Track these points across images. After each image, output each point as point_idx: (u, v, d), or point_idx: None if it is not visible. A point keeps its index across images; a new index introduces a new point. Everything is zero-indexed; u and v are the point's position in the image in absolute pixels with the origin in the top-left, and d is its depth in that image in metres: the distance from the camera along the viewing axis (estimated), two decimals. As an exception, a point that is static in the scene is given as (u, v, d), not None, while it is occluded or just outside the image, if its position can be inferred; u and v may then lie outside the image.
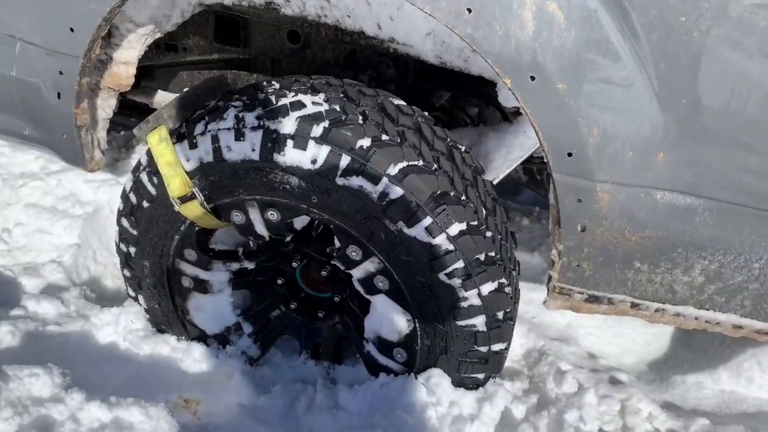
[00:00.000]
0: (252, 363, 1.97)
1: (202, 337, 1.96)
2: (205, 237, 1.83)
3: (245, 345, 1.96)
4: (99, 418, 1.56)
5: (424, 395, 1.71)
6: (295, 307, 1.95)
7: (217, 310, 1.93)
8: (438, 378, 1.73)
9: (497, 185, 1.88)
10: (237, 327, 1.96)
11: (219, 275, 1.88)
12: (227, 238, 1.88)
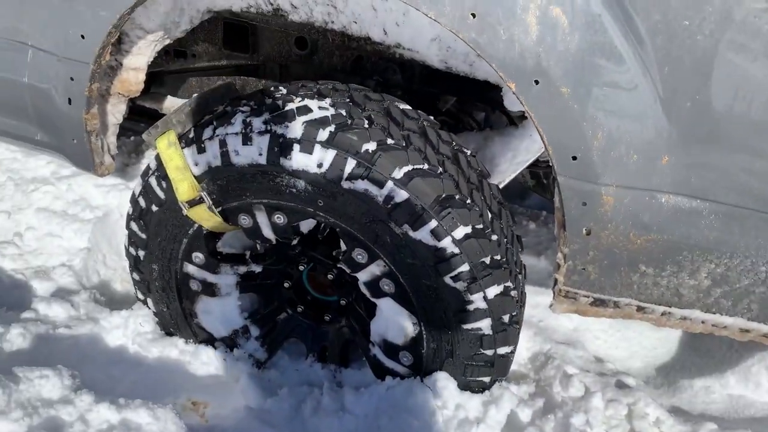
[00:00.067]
0: (259, 366, 1.98)
1: (209, 340, 1.98)
2: (213, 240, 1.84)
3: (252, 348, 1.98)
4: (107, 419, 1.58)
5: (430, 398, 1.72)
6: (302, 311, 1.97)
7: (225, 313, 1.95)
8: (444, 381, 1.74)
9: (504, 189, 1.88)
10: (244, 330, 1.97)
11: (227, 278, 1.90)
12: (235, 241, 1.90)
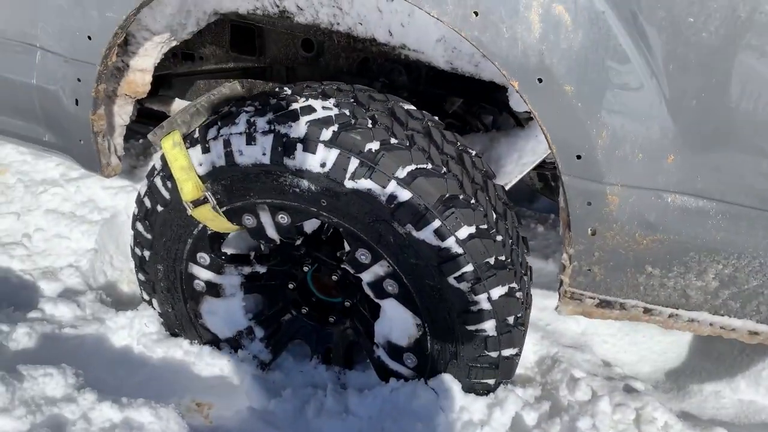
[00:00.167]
0: (263, 367, 1.98)
1: (214, 341, 1.98)
2: (218, 241, 1.84)
3: (257, 349, 1.97)
4: (110, 418, 1.58)
5: (434, 400, 1.70)
6: (307, 312, 1.96)
7: (230, 314, 1.95)
8: (448, 383, 1.72)
9: (512, 192, 1.87)
10: (249, 331, 1.97)
11: (231, 279, 1.90)
12: (239, 241, 1.90)
